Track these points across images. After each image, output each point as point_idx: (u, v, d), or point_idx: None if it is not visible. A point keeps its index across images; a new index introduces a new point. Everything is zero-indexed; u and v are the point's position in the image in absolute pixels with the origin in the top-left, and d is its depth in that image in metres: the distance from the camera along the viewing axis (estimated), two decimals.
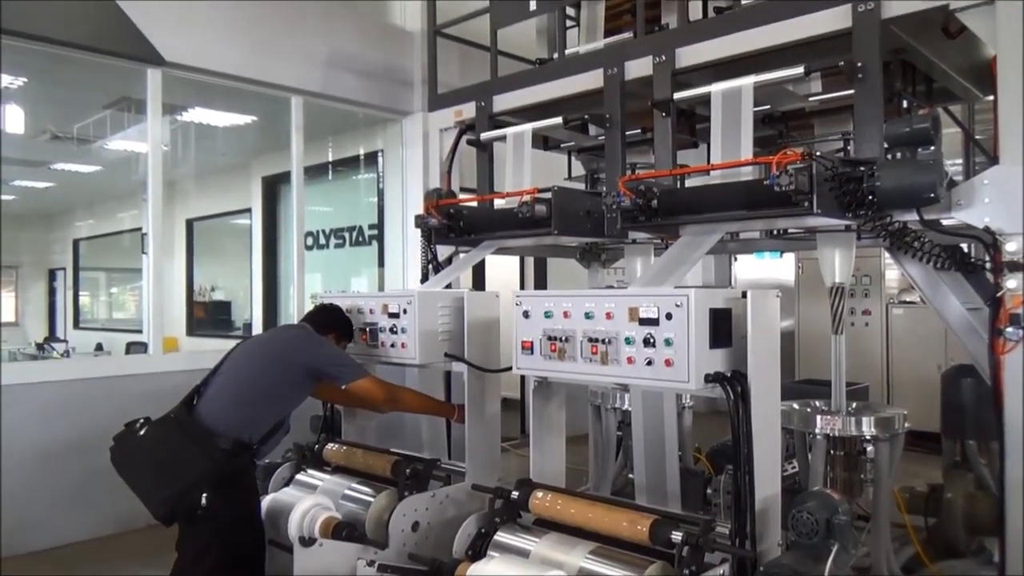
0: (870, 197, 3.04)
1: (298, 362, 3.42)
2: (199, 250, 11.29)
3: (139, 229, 5.73)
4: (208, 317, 11.10)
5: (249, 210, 9.46)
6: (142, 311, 5.97)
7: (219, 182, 10.31)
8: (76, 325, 14.04)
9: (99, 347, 11.60)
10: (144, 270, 5.52)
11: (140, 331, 7.25)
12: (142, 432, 3.18)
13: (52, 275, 15.36)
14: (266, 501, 3.53)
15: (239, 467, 3.21)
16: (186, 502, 3.02)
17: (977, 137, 4.70)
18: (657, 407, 3.65)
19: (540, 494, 3.00)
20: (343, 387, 3.52)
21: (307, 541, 3.18)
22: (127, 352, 8.74)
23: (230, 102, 7.07)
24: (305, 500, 3.32)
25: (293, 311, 6.47)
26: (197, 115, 7.67)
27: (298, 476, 3.92)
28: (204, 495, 3.02)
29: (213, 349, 5.13)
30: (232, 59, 5.65)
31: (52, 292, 15.45)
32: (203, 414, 3.23)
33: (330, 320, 3.81)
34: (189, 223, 11.14)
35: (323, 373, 3.50)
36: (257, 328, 8.78)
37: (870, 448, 3.61)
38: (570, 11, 5.04)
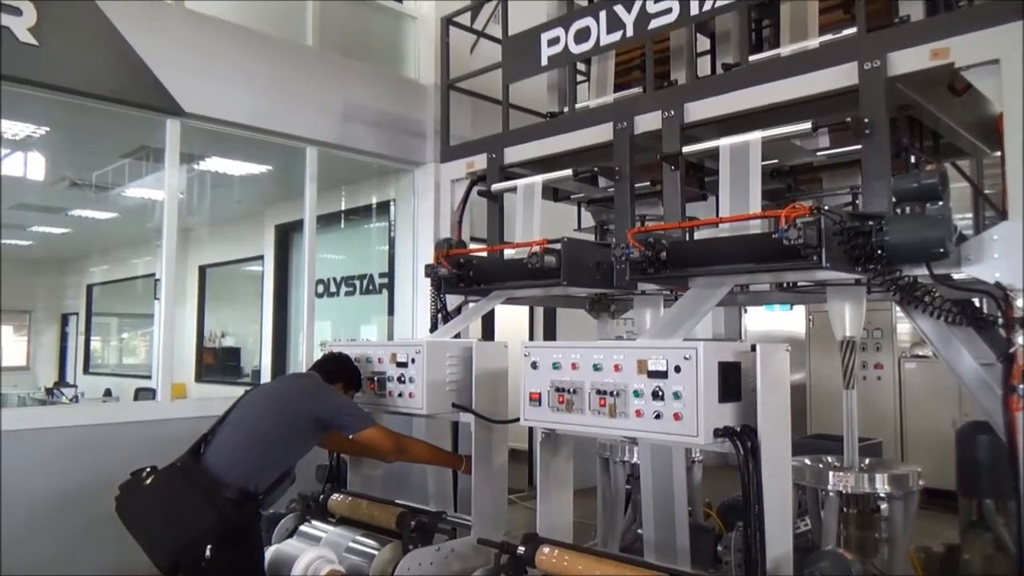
0: (879, 251, 3.05)
1: (306, 412, 3.41)
2: (211, 296, 11.37)
3: (152, 275, 5.79)
4: (217, 363, 11.11)
5: (262, 257, 9.55)
6: (152, 357, 5.99)
7: (233, 229, 10.44)
8: (86, 370, 14.08)
9: (108, 392, 11.61)
10: (156, 316, 5.55)
11: (149, 376, 7.26)
12: (148, 481, 3.16)
13: (65, 320, 15.47)
14: (270, 552, 3.49)
15: (245, 518, 3.17)
16: (191, 553, 2.99)
17: (986, 192, 4.72)
18: (666, 461, 3.60)
19: (547, 549, 2.95)
20: (350, 436, 3.50)
21: None
22: (136, 398, 8.74)
23: (246, 151, 7.20)
24: (308, 552, 3.28)
25: (302, 358, 6.47)
26: (213, 164, 7.81)
27: (302, 527, 3.87)
28: (209, 547, 2.98)
29: (221, 396, 5.13)
30: (249, 110, 5.77)
31: (64, 337, 15.55)
32: (210, 463, 3.21)
33: (339, 369, 3.81)
34: (202, 269, 11.25)
35: (331, 422, 3.48)
36: (266, 375, 8.78)
37: (884, 506, 3.54)
38: (580, 66, 5.15)
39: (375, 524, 3.70)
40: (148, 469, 3.22)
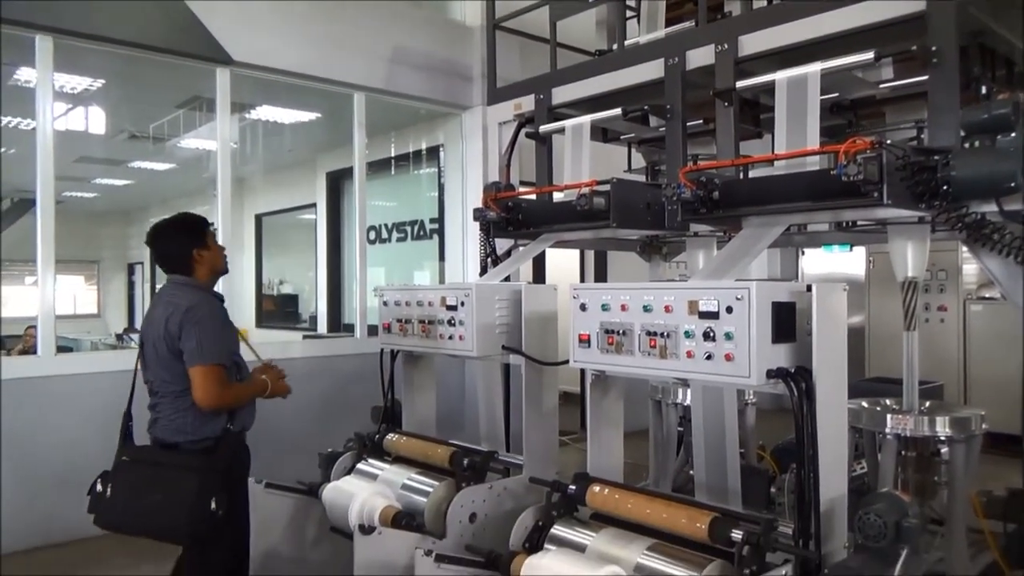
0: (945, 187, 2.91)
1: (179, 352, 3.16)
2: (268, 244, 11.61)
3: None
4: (277, 310, 11.41)
5: (314, 205, 9.68)
6: None
7: (285, 177, 10.57)
8: None
9: None
10: None
11: None
12: (109, 494, 3.15)
13: (131, 269, 16.04)
14: (328, 489, 3.60)
15: (226, 459, 3.21)
16: (202, 517, 3.04)
17: None
18: (718, 403, 3.58)
19: (597, 488, 2.98)
20: (188, 367, 3.15)
21: (367, 529, 3.23)
22: None
23: (295, 99, 7.24)
24: (365, 489, 3.38)
25: (356, 304, 6.58)
26: (264, 112, 7.88)
27: (359, 465, 3.98)
28: (213, 500, 3.04)
29: (281, 340, 5.27)
30: (297, 57, 5.78)
31: (131, 285, 16.14)
32: (159, 436, 3.24)
33: (178, 249, 3.29)
34: (258, 218, 11.46)
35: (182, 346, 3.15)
36: (322, 321, 8.93)
37: (944, 450, 3.46)
38: (630, 2, 4.98)
39: (429, 463, 3.78)
40: (99, 479, 3.20)
